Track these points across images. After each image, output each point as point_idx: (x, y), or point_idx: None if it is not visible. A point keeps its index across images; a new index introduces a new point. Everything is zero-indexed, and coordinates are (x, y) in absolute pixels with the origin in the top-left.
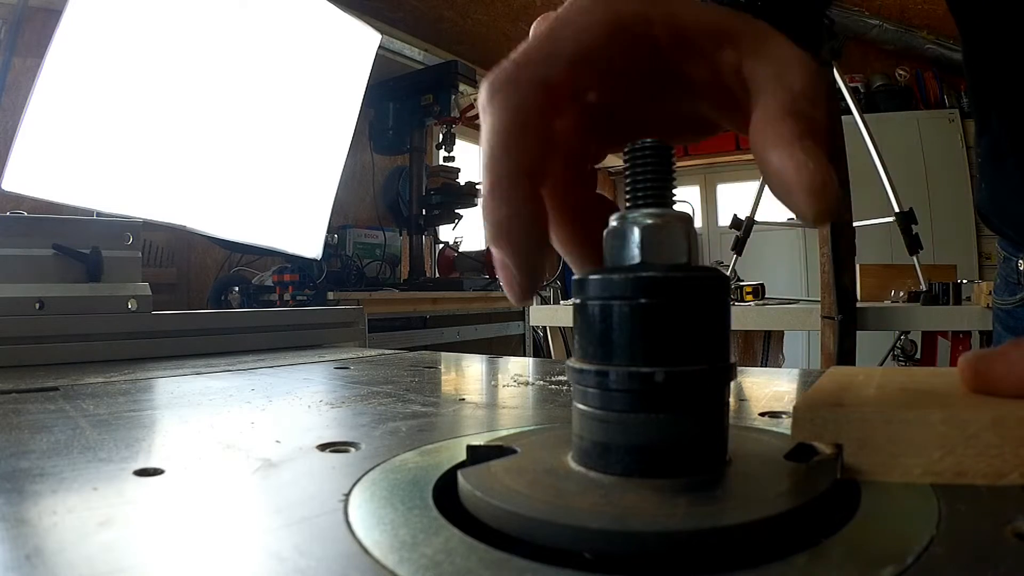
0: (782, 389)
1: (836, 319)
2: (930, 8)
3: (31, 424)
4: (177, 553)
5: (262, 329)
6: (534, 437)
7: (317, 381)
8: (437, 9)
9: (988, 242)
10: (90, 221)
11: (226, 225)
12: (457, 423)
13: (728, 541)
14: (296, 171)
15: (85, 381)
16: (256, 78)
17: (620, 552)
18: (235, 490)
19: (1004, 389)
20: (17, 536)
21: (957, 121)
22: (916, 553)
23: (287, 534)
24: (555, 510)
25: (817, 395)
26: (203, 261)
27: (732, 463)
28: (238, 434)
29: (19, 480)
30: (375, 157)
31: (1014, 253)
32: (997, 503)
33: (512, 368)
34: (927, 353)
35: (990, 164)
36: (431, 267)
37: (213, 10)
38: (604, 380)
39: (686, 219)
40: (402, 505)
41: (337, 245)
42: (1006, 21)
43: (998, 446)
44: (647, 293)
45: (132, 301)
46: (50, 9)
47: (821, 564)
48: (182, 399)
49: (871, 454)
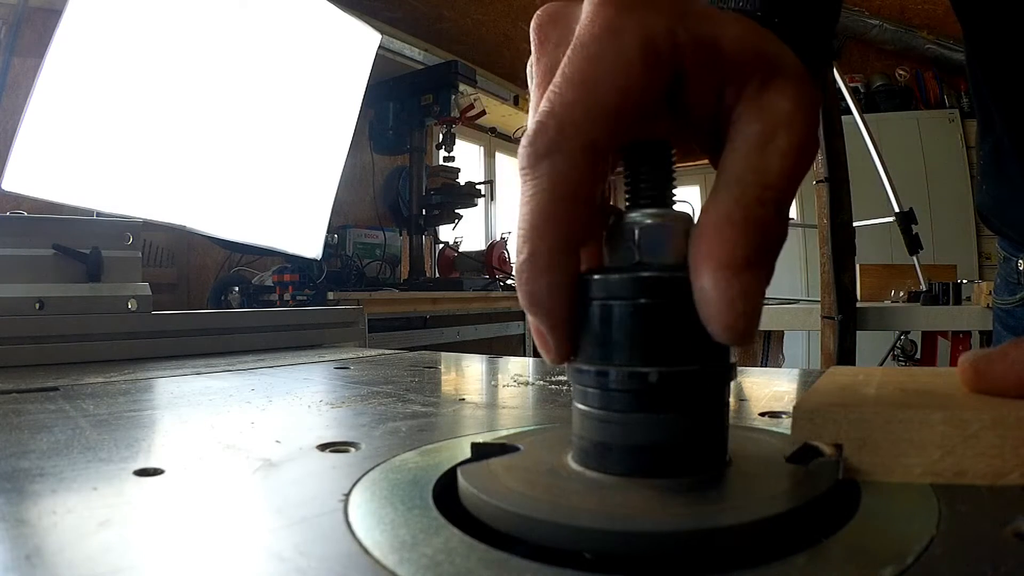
0: (782, 389)
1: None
2: (930, 8)
3: (31, 424)
4: (177, 553)
5: (262, 329)
6: (534, 437)
7: (317, 381)
8: (437, 9)
9: (988, 242)
10: (90, 221)
11: (226, 225)
12: (457, 423)
13: (727, 541)
14: (296, 171)
15: (85, 381)
16: (256, 78)
17: (619, 552)
18: (235, 490)
19: (1004, 388)
20: (17, 536)
21: (957, 121)
22: (916, 553)
23: (287, 534)
24: (555, 510)
25: (817, 395)
26: (203, 261)
27: (732, 463)
28: (238, 434)
29: (19, 480)
30: (375, 157)
31: (1014, 253)
32: (997, 503)
33: (512, 368)
34: (927, 353)
35: (992, 166)
36: (431, 267)
37: (213, 10)
38: (604, 380)
39: (686, 219)
40: (402, 505)
41: (337, 245)
42: (1010, 21)
43: (998, 446)
44: (646, 293)
45: (132, 301)
46: (50, 9)
47: (821, 564)
48: (182, 399)
49: (871, 454)
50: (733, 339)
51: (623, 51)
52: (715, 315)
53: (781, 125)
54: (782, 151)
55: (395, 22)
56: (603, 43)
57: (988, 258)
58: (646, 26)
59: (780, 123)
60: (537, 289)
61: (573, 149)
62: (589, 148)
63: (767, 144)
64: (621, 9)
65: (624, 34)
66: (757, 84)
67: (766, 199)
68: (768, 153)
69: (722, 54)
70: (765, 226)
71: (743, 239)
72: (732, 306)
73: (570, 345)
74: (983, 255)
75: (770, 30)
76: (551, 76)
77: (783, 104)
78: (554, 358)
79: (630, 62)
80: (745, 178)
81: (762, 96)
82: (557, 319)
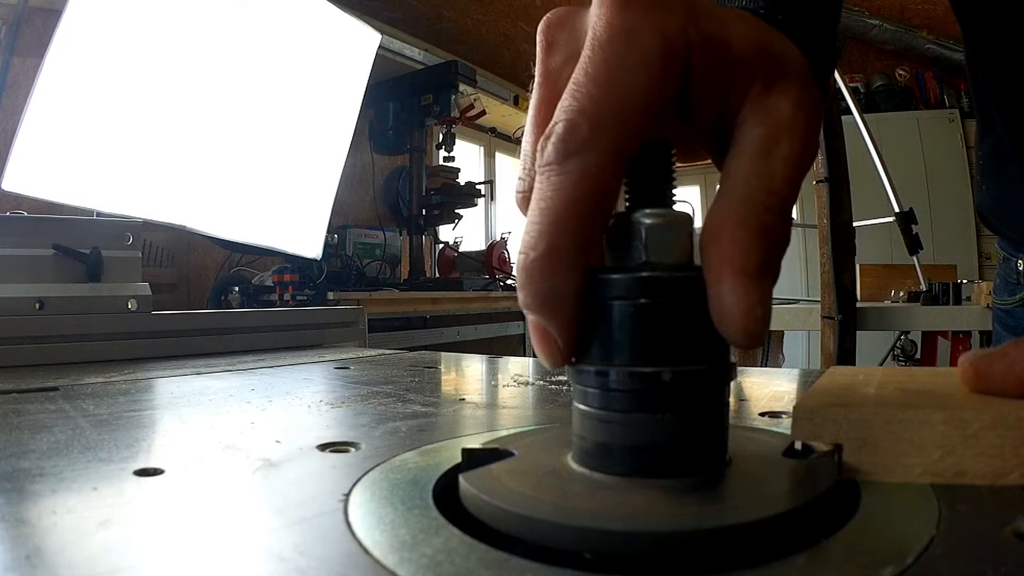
0: (782, 389)
1: (836, 319)
2: (930, 8)
3: (31, 424)
4: (177, 553)
5: (262, 329)
6: (533, 438)
7: (317, 381)
8: (437, 9)
9: (988, 242)
10: (90, 221)
11: (226, 225)
12: (457, 423)
13: (727, 541)
14: (296, 171)
15: (85, 381)
16: (256, 78)
17: (620, 552)
18: (235, 490)
19: (1005, 388)
20: (17, 536)
21: (957, 121)
22: (916, 553)
23: (287, 534)
24: (555, 510)
25: (817, 395)
26: (203, 261)
27: (732, 463)
28: (238, 434)
29: (19, 480)
30: (375, 157)
31: (1013, 253)
32: (997, 503)
33: (512, 368)
34: (927, 353)
35: (992, 166)
36: (431, 267)
37: (213, 10)
38: (605, 380)
39: (686, 219)
40: (402, 505)
41: (337, 245)
42: (1009, 21)
43: (998, 446)
44: (647, 293)
45: (132, 301)
46: (50, 9)
47: (821, 564)
48: (182, 399)
49: (871, 454)
50: (750, 343)
51: (644, 50)
52: (735, 321)
53: (784, 130)
54: (784, 156)
55: (395, 22)
56: (623, 43)
57: (988, 258)
58: (663, 25)
59: (783, 128)
60: (550, 287)
61: (605, 147)
62: (621, 146)
63: (771, 149)
64: (636, 9)
65: (642, 34)
66: (761, 85)
67: (772, 204)
68: (772, 159)
69: (730, 53)
70: (774, 232)
71: (757, 246)
72: (752, 312)
73: (576, 346)
74: (983, 255)
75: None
76: (557, 77)
77: (786, 108)
78: (557, 361)
79: (651, 61)
80: (750, 182)
81: (766, 98)
82: (568, 320)
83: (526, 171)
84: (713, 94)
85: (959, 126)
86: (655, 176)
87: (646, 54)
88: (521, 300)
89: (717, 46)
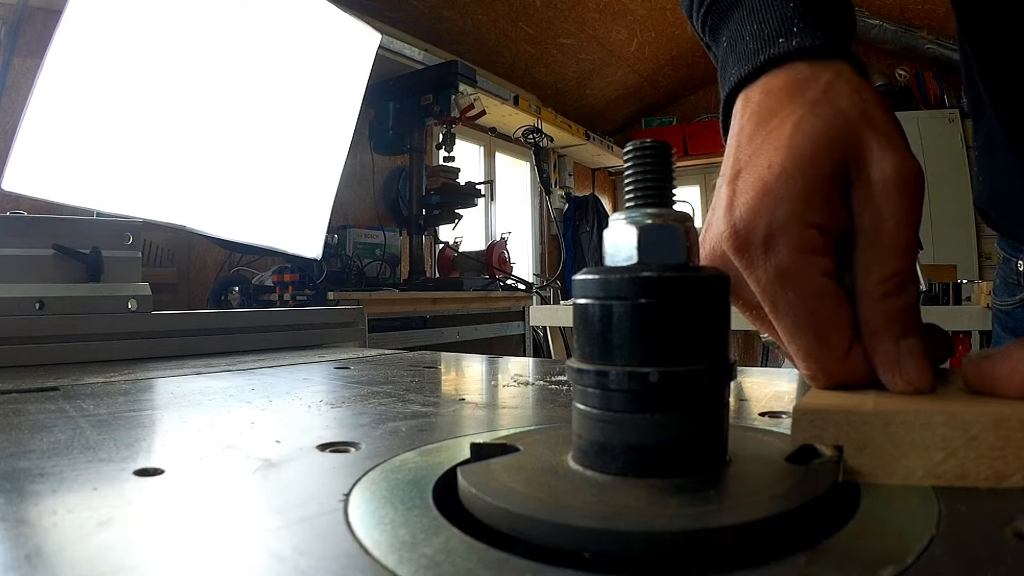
0: (782, 389)
1: None
2: (930, 8)
3: (31, 424)
4: (177, 553)
5: (262, 329)
6: (536, 436)
7: (317, 381)
8: (437, 9)
9: (988, 242)
10: (90, 221)
11: (226, 225)
12: (457, 423)
13: (727, 541)
14: (296, 171)
15: (85, 381)
16: (256, 78)
17: (619, 552)
18: (235, 490)
19: (1007, 389)
20: (17, 536)
21: (957, 121)
22: (916, 553)
23: (287, 534)
24: (555, 510)
25: (817, 396)
26: (203, 261)
27: (732, 463)
28: (238, 434)
29: (19, 480)
30: (375, 157)
31: (1013, 254)
32: (997, 503)
33: (512, 368)
34: None
35: (986, 157)
36: (431, 267)
37: (213, 10)
38: (603, 380)
39: (686, 219)
40: (402, 505)
41: (337, 245)
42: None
43: (1000, 448)
44: (646, 293)
45: (132, 301)
46: (50, 9)
47: (821, 564)
48: (182, 399)
49: (872, 456)
50: (917, 390)
51: (831, 142)
52: (895, 385)
53: (885, 205)
54: (891, 234)
55: (395, 22)
56: (808, 139)
57: (988, 258)
58: (848, 133)
59: (884, 206)
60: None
61: None
62: None
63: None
64: None
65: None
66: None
67: (888, 291)
68: (879, 243)
69: None
70: (898, 302)
71: (888, 334)
72: (903, 378)
73: None
74: (983, 255)
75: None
76: None
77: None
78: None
79: (828, 143)
80: (870, 273)
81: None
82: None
83: None
84: None
85: (959, 126)
86: (655, 176)
87: (830, 142)
88: None
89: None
